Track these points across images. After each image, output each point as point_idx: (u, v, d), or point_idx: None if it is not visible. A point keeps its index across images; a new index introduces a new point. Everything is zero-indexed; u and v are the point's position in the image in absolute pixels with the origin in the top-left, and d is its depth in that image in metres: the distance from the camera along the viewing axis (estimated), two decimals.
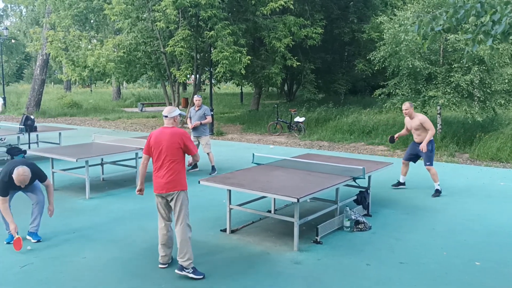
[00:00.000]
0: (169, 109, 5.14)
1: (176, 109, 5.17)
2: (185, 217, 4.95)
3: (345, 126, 16.33)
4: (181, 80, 17.82)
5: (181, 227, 4.92)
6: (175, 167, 4.93)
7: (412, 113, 8.57)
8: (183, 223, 4.93)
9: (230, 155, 12.61)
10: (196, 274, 4.84)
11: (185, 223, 4.94)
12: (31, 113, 23.07)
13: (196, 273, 4.85)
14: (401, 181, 8.99)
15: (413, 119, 8.54)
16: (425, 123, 8.41)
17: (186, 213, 4.98)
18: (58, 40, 18.99)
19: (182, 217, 4.93)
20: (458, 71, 12.87)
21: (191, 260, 4.86)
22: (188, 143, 4.98)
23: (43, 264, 5.20)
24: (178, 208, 4.94)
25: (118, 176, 9.57)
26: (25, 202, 7.73)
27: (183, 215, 4.94)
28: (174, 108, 5.18)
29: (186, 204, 4.99)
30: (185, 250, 4.86)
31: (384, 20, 14.17)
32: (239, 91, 34.92)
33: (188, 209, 5.03)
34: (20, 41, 42.39)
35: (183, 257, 4.85)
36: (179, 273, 4.87)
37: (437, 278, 4.86)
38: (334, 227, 6.30)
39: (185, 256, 4.85)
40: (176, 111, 5.13)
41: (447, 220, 6.91)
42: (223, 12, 16.52)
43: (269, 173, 6.64)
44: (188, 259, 4.85)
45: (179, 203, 4.94)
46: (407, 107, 8.54)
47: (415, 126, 8.53)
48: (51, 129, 13.17)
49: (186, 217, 4.97)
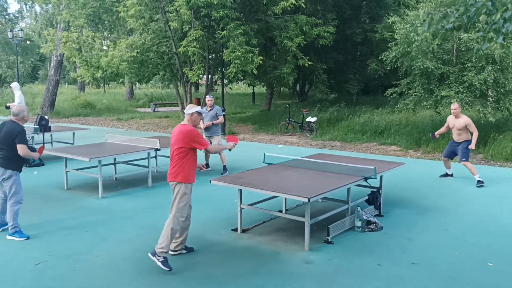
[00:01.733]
0: (188, 106, 5.35)
1: (195, 107, 5.31)
2: (177, 209, 5.12)
3: (357, 126, 16.26)
4: (193, 80, 17.89)
5: (171, 216, 5.13)
6: (179, 161, 5.14)
7: (459, 113, 9.22)
8: (173, 213, 5.12)
9: (242, 155, 12.64)
10: (164, 265, 4.99)
11: (174, 215, 5.11)
12: (46, 113, 23.35)
13: (165, 264, 5.00)
14: (448, 173, 9.82)
15: (458, 119, 9.18)
16: (470, 126, 9.09)
17: (181, 205, 5.14)
18: (72, 40, 19.19)
19: (175, 208, 5.14)
20: (472, 70, 12.74)
21: (164, 250, 5.02)
22: (195, 140, 5.13)
23: (57, 262, 5.27)
24: (173, 198, 5.18)
25: (131, 176, 9.65)
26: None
27: (176, 207, 5.13)
28: (193, 106, 5.33)
29: (182, 197, 5.13)
30: (163, 239, 5.04)
31: (396, 20, 14.09)
32: (251, 91, 34.93)
33: (184, 202, 5.15)
34: (35, 42, 42.93)
35: (159, 244, 5.04)
36: (151, 257, 5.06)
37: (449, 279, 4.82)
38: (345, 227, 6.29)
39: (161, 244, 5.02)
40: (193, 109, 5.27)
41: (459, 220, 6.85)
42: (235, 12, 16.55)
43: (280, 173, 6.65)
44: (162, 249, 5.01)
45: (175, 194, 5.18)
46: (456, 107, 9.22)
47: (459, 126, 9.15)
48: (65, 129, 13.33)
49: (179, 209, 5.13)
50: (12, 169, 6.05)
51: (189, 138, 5.11)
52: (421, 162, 11.60)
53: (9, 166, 6.04)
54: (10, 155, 6.01)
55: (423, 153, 12.87)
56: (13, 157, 6.02)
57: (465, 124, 9.07)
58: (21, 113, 6.16)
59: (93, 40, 19.58)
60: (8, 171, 6.04)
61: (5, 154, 6.02)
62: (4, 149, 6.03)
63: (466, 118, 9.19)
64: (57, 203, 7.74)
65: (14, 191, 6.06)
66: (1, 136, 6.08)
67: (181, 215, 5.15)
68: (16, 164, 6.10)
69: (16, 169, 6.10)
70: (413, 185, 9.04)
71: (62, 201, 7.88)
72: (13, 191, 6.06)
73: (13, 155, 6.01)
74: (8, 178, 6.04)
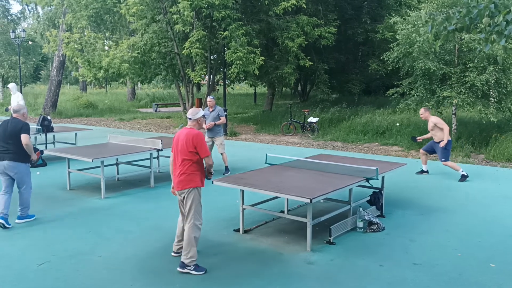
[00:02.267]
0: (192, 111, 5.24)
1: (200, 111, 5.24)
2: (194, 216, 5.04)
3: (359, 126, 16.27)
4: (195, 80, 17.92)
5: (189, 226, 5.03)
6: (188, 167, 5.03)
7: (428, 116, 9.77)
8: (191, 222, 5.03)
9: (244, 155, 12.66)
10: (198, 271, 4.95)
11: (193, 223, 5.03)
12: (48, 114, 23.41)
13: (198, 270, 4.96)
14: (424, 170, 10.16)
15: (429, 122, 9.71)
16: (438, 123, 9.54)
17: (196, 211, 5.06)
18: (74, 41, 19.24)
19: (191, 215, 5.04)
20: (473, 71, 12.74)
21: (193, 259, 4.97)
22: (199, 145, 5.02)
23: (60, 262, 5.29)
24: (188, 206, 5.06)
25: (133, 176, 9.67)
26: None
27: (193, 214, 5.04)
28: (198, 110, 5.25)
29: (196, 203, 5.07)
30: (189, 248, 4.98)
31: (397, 21, 14.09)
32: (253, 91, 34.97)
33: (199, 207, 5.10)
34: (37, 42, 43.00)
35: (186, 255, 4.97)
36: (181, 270, 4.97)
37: (451, 280, 4.83)
38: (347, 228, 6.30)
39: (188, 254, 4.96)
40: (199, 113, 5.22)
41: (462, 221, 6.86)
42: (236, 12, 16.58)
43: (282, 173, 6.66)
44: (191, 258, 4.96)
45: (189, 202, 5.05)
46: (422, 112, 9.85)
47: (430, 127, 9.71)
48: (67, 129, 13.37)
49: (195, 216, 5.05)
50: (23, 162, 6.58)
51: (197, 142, 5.00)
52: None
53: (20, 159, 6.53)
54: (18, 149, 6.48)
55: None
56: (21, 150, 6.50)
57: (433, 124, 9.59)
58: (21, 110, 6.75)
59: (95, 41, 19.63)
60: (20, 165, 6.55)
61: (14, 149, 6.47)
62: (12, 143, 6.46)
63: (434, 118, 9.74)
64: (60, 204, 7.77)
65: (27, 180, 6.69)
66: (8, 133, 6.50)
67: (200, 220, 5.10)
68: (25, 157, 6.60)
69: (25, 161, 6.63)
70: (415, 186, 9.05)
71: (64, 202, 7.90)
72: (26, 180, 6.67)
73: (21, 149, 6.48)
74: (19, 171, 6.56)
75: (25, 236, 6.17)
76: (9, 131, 6.47)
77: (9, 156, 6.47)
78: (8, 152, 6.46)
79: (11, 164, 6.48)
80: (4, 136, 6.49)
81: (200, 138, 5.05)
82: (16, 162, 6.49)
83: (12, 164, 6.48)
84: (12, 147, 6.44)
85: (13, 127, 6.49)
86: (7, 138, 6.46)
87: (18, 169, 6.53)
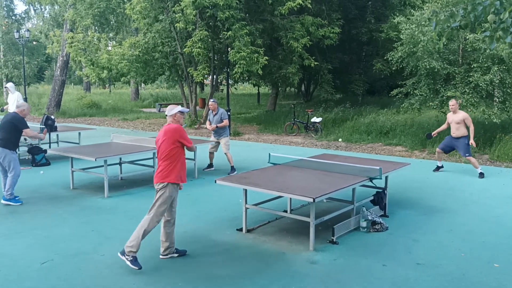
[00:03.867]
0: (169, 108, 5.34)
1: (176, 107, 5.32)
2: (156, 212, 5.08)
3: (363, 126, 16.23)
4: (198, 80, 17.93)
5: (148, 216, 5.09)
6: (165, 162, 5.12)
7: (457, 109, 9.87)
8: (151, 215, 5.07)
9: (247, 155, 12.65)
10: (134, 264, 4.97)
11: (152, 217, 5.06)
12: (52, 113, 23.47)
13: (134, 263, 4.97)
14: (439, 165, 10.39)
15: (456, 114, 9.79)
16: (467, 120, 9.74)
17: (161, 209, 5.09)
18: (78, 41, 19.30)
19: (154, 210, 5.09)
20: (478, 71, 12.69)
21: (133, 250, 4.98)
22: (180, 137, 5.14)
23: (63, 261, 5.30)
24: (155, 199, 5.13)
25: (136, 175, 9.68)
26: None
27: (156, 209, 5.08)
28: (173, 107, 5.35)
29: (163, 200, 5.08)
30: (134, 238, 5.01)
31: (401, 20, 14.05)
32: (256, 91, 34.95)
33: (163, 206, 5.10)
34: (41, 43, 43.16)
35: (129, 243, 5.01)
36: (120, 256, 5.03)
37: (455, 280, 4.81)
38: (350, 228, 6.28)
39: (131, 243, 5.00)
40: (175, 109, 5.28)
41: (465, 221, 6.83)
42: (240, 12, 16.57)
43: (285, 173, 6.65)
44: (131, 248, 4.98)
45: (157, 195, 5.12)
46: (453, 103, 9.88)
47: (458, 120, 9.76)
48: (71, 129, 13.39)
49: (158, 212, 5.08)
50: (9, 149, 7.42)
51: (177, 134, 5.12)
52: (426, 163, 11.56)
53: (7, 146, 7.41)
54: (7, 137, 7.39)
55: (428, 153, 12.83)
56: (10, 139, 7.42)
57: (463, 118, 9.72)
58: (22, 106, 7.65)
59: (99, 41, 19.68)
60: (5, 150, 7.39)
61: (3, 136, 7.37)
62: (3, 133, 7.39)
63: (463, 113, 9.89)
64: (63, 203, 7.78)
65: (13, 167, 7.45)
66: (2, 123, 7.46)
67: (158, 218, 5.12)
68: (12, 145, 7.48)
69: (11, 148, 7.47)
70: (419, 186, 9.01)
71: (68, 201, 7.91)
72: (11, 166, 7.44)
73: (9, 137, 7.40)
74: (5, 156, 7.40)
75: (28, 235, 6.18)
76: (4, 122, 7.42)
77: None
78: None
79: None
80: None
81: (180, 129, 5.18)
82: (1, 148, 7.36)
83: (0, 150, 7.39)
84: (2, 135, 7.37)
85: (9, 119, 7.43)
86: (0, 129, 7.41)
87: (2, 154, 7.38)
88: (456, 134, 9.81)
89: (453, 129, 9.91)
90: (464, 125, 9.73)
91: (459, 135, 9.78)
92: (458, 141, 9.85)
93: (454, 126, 9.84)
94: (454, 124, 9.84)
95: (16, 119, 7.46)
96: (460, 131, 9.75)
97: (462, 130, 9.74)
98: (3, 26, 37.02)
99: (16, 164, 7.50)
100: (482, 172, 9.80)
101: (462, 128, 9.73)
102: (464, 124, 9.73)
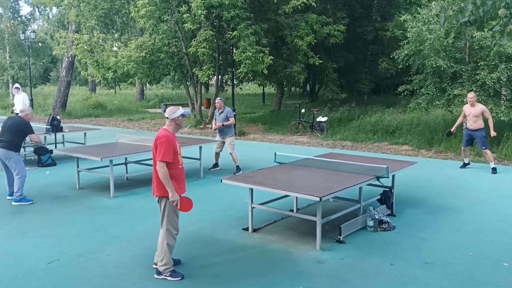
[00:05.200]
0: (170, 109, 4.86)
1: (178, 110, 4.83)
2: (168, 223, 4.79)
3: (368, 125, 16.16)
4: (203, 80, 17.92)
5: (162, 231, 4.82)
6: (157, 174, 4.75)
7: (475, 102, 10.01)
8: (165, 227, 4.80)
9: (252, 155, 12.62)
10: (175, 277, 4.75)
11: (167, 229, 4.79)
12: (57, 114, 23.54)
13: (174, 276, 4.76)
14: (466, 162, 10.52)
15: (474, 107, 9.92)
16: (486, 112, 9.94)
17: (170, 218, 4.80)
18: (83, 42, 19.34)
19: (165, 222, 4.81)
20: (485, 69, 12.60)
21: (168, 266, 4.77)
22: (159, 146, 4.64)
23: (69, 260, 5.29)
24: (161, 212, 4.85)
25: (142, 175, 9.67)
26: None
27: (166, 220, 4.80)
28: (174, 109, 4.84)
29: (169, 210, 4.79)
30: (162, 255, 4.77)
31: (407, 19, 13.97)
32: (261, 91, 34.92)
33: (173, 215, 4.81)
34: (47, 44, 43.34)
35: (160, 261, 4.78)
36: (157, 277, 4.80)
37: (464, 279, 4.75)
38: (357, 227, 6.24)
39: (162, 261, 4.77)
40: (177, 112, 4.80)
41: (473, 220, 6.76)
42: (245, 12, 16.54)
43: (291, 172, 6.61)
44: (165, 265, 4.76)
45: (161, 207, 4.84)
46: (472, 95, 10.02)
47: (476, 113, 9.89)
48: (76, 129, 13.42)
49: (170, 223, 4.80)
50: (14, 151, 7.66)
51: (159, 142, 4.65)
52: (433, 162, 11.49)
53: (12, 148, 7.64)
54: (12, 140, 7.63)
55: (435, 152, 12.75)
56: (15, 141, 7.67)
57: (481, 111, 9.87)
58: (26, 111, 7.94)
59: (104, 42, 19.71)
60: (11, 152, 7.62)
61: (9, 139, 7.60)
62: (9, 135, 7.62)
63: (481, 105, 10.06)
64: (69, 203, 7.79)
65: (19, 169, 7.68)
66: (8, 125, 7.69)
67: (175, 227, 4.84)
68: (16, 147, 7.73)
69: (16, 150, 7.72)
70: (426, 185, 8.95)
71: (74, 201, 7.92)
72: (17, 169, 7.67)
73: (14, 140, 7.64)
74: (11, 158, 7.65)
75: (34, 234, 6.19)
76: (9, 125, 7.69)
77: (1, 145, 7.63)
78: (1, 142, 7.62)
79: (1, 152, 7.63)
80: (4, 130, 7.72)
81: (162, 140, 4.65)
82: (5, 150, 7.61)
83: (3, 151, 7.62)
84: (6, 138, 7.61)
85: (15, 122, 7.71)
86: (6, 131, 7.67)
87: (7, 155, 7.63)
88: (474, 126, 9.93)
89: (470, 121, 10.00)
90: (482, 117, 9.86)
91: (476, 127, 9.90)
92: (475, 134, 9.98)
93: (472, 119, 9.94)
94: (472, 117, 9.93)
95: (23, 125, 7.72)
96: (478, 123, 9.89)
97: (480, 123, 9.88)
98: (8, 28, 37.19)
99: (21, 166, 7.72)
100: (495, 167, 9.91)
101: (480, 121, 9.87)
102: (481, 117, 9.86)
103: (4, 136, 7.67)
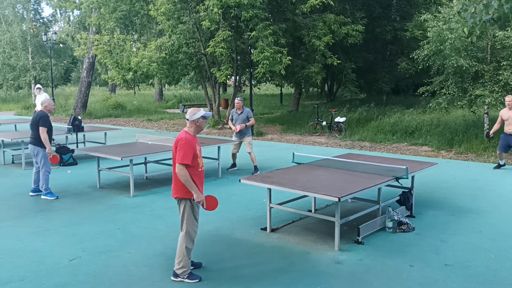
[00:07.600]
0: (190, 111, 4.81)
1: (199, 111, 4.78)
2: (188, 226, 4.76)
3: (387, 126, 16.02)
4: (221, 80, 18.00)
5: (182, 234, 4.81)
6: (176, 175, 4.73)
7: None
8: (184, 231, 4.77)
9: (270, 155, 12.64)
10: (192, 279, 4.75)
11: (186, 231, 4.76)
12: (78, 114, 23.92)
13: (192, 278, 4.75)
14: (501, 163, 10.33)
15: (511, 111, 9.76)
16: None
17: (189, 221, 4.76)
18: (103, 43, 19.61)
19: (184, 224, 4.78)
20: (507, 68, 12.37)
21: (185, 269, 4.76)
22: (178, 148, 4.63)
23: (91, 258, 5.38)
24: (181, 215, 4.84)
25: (161, 175, 9.77)
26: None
27: (186, 223, 4.77)
28: (195, 110, 4.80)
29: (188, 212, 4.76)
30: (180, 258, 4.75)
31: (428, 18, 13.81)
32: (279, 92, 34.91)
33: (192, 218, 4.78)
34: (68, 45, 44.05)
35: (178, 264, 4.77)
36: (174, 279, 4.79)
37: (485, 282, 4.69)
38: (376, 228, 6.20)
39: (180, 264, 4.76)
40: (197, 114, 4.76)
41: (494, 222, 6.66)
42: (263, 12, 16.56)
43: (310, 172, 6.61)
44: (183, 267, 4.75)
45: (181, 211, 4.81)
46: (510, 99, 9.77)
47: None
48: (97, 129, 13.61)
49: (189, 225, 4.76)
50: (40, 146, 7.97)
51: (179, 145, 4.63)
52: (453, 163, 11.34)
53: (38, 144, 7.97)
54: (37, 135, 7.92)
55: (455, 153, 12.58)
56: (39, 137, 7.91)
57: None
58: (45, 103, 8.15)
59: (124, 43, 19.96)
60: (38, 148, 7.99)
61: (35, 135, 7.98)
62: (34, 131, 7.99)
63: None
64: (90, 201, 7.91)
65: (44, 163, 8.02)
66: (32, 122, 8.03)
67: (194, 230, 4.81)
68: (42, 143, 7.93)
69: (43, 146, 7.97)
70: (446, 186, 8.84)
71: (94, 199, 8.04)
72: (42, 162, 8.02)
73: (39, 136, 7.90)
74: (38, 153, 8.01)
75: (56, 232, 6.31)
76: (32, 122, 8.04)
77: (30, 141, 8.11)
78: (31, 137, 8.09)
79: (31, 147, 8.07)
80: (31, 127, 8.11)
81: (182, 142, 4.64)
82: (33, 146, 8.02)
83: (31, 147, 8.05)
84: (32, 134, 8.04)
85: (35, 117, 7.96)
86: (32, 128, 8.06)
87: (35, 151, 8.01)
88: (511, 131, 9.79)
89: (509, 126, 9.82)
90: None
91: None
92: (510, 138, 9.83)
93: (507, 123, 9.82)
94: (511, 120, 9.80)
95: (39, 116, 7.93)
96: None
97: None
98: (31, 29, 37.91)
99: (46, 160, 8.06)
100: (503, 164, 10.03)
101: None
102: None
103: (31, 132, 8.09)
